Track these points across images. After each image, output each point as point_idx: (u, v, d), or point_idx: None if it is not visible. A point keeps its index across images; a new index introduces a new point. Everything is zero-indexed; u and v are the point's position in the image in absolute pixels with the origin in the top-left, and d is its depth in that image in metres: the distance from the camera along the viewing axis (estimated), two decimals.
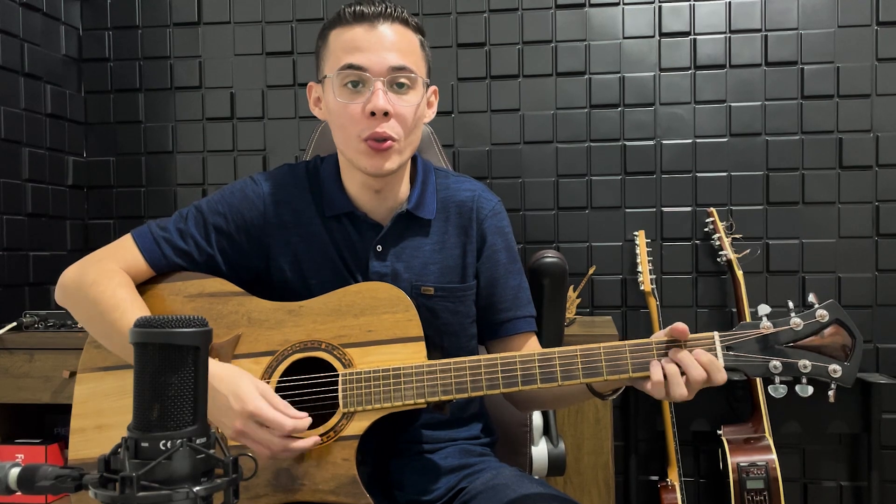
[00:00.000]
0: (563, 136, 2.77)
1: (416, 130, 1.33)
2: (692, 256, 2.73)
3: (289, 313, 1.29)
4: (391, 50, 1.26)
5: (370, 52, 1.26)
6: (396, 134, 1.27)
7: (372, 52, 1.26)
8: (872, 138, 2.65)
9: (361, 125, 1.27)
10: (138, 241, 1.34)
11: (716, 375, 1.14)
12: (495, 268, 1.41)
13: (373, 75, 1.25)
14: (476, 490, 1.29)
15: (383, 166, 1.29)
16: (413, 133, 1.32)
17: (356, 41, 1.27)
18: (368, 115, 1.25)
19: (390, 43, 1.27)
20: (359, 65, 1.26)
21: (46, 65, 2.73)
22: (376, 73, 1.25)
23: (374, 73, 1.25)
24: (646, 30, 2.73)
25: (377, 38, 1.26)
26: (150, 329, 0.73)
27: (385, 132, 1.26)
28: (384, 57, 1.26)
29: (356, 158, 1.30)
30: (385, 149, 1.27)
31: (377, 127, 1.26)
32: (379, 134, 1.26)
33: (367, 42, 1.26)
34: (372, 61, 1.25)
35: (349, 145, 1.30)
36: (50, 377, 2.25)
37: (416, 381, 1.21)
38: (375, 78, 1.25)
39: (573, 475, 2.34)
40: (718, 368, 1.14)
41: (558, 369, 1.18)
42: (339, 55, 1.28)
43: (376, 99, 1.25)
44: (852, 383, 1.15)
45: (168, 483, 0.70)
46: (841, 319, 1.15)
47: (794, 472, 2.71)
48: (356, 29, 1.27)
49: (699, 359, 1.14)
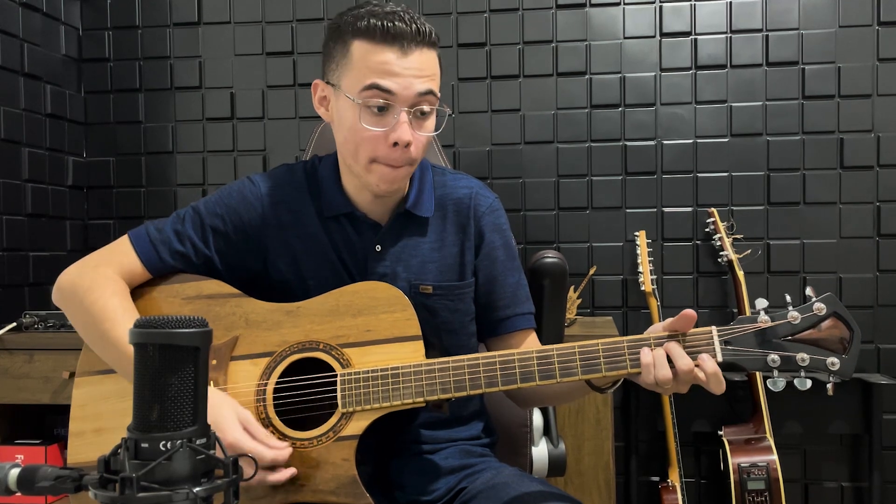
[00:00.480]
0: (563, 137, 2.77)
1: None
2: (693, 257, 2.73)
3: (287, 314, 1.29)
4: (420, 77, 1.24)
5: (400, 79, 1.22)
6: (414, 158, 1.28)
7: (402, 78, 1.22)
8: (873, 138, 2.64)
9: (381, 150, 1.25)
10: (135, 245, 1.33)
11: (716, 387, 1.14)
12: (493, 265, 1.40)
13: (399, 103, 1.23)
14: (476, 490, 1.29)
15: (394, 186, 1.30)
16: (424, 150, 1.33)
17: (387, 64, 1.22)
18: (391, 144, 1.24)
19: (420, 70, 1.24)
20: (388, 88, 1.22)
21: (46, 65, 2.73)
22: (403, 100, 1.23)
23: (402, 100, 1.23)
24: (647, 30, 2.73)
25: (409, 65, 1.23)
26: (151, 329, 0.72)
27: (403, 161, 1.26)
28: (413, 84, 1.23)
29: (364, 176, 1.29)
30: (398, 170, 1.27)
31: (397, 157, 1.25)
32: (396, 161, 1.26)
33: (398, 67, 1.22)
34: (401, 87, 1.22)
35: (359, 162, 1.28)
36: (50, 378, 2.25)
37: (415, 381, 1.20)
38: (402, 107, 1.23)
39: (574, 476, 2.33)
40: (720, 381, 1.13)
41: (557, 366, 1.18)
42: (365, 73, 1.23)
43: (402, 131, 1.23)
44: (851, 376, 1.14)
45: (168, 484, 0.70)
46: (839, 312, 1.14)
47: (795, 473, 2.70)
48: (387, 52, 1.22)
49: (704, 366, 1.13)
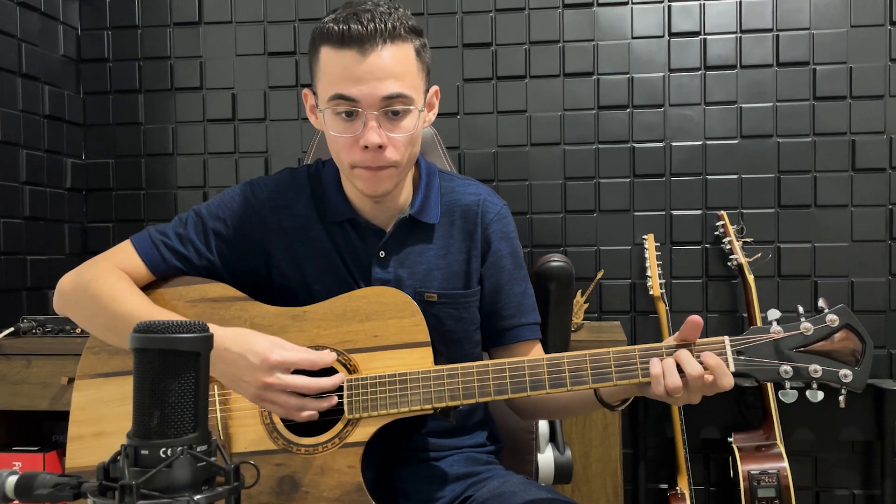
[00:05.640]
0: (570, 138, 2.76)
1: (415, 146, 1.30)
2: (702, 260, 2.72)
3: (293, 318, 1.29)
4: (384, 78, 1.20)
5: (361, 84, 1.19)
6: (394, 160, 1.25)
7: (363, 83, 1.19)
8: (886, 140, 2.63)
9: (356, 155, 1.24)
10: (137, 246, 1.35)
11: (722, 380, 1.14)
12: (500, 274, 1.40)
13: (364, 108, 1.21)
14: (483, 498, 1.28)
15: (379, 189, 1.28)
16: (411, 150, 1.29)
17: (347, 70, 1.20)
18: (362, 147, 1.23)
19: (382, 71, 1.20)
20: (350, 96, 1.20)
21: (45, 65, 2.72)
22: (368, 105, 1.20)
23: (366, 105, 1.20)
24: (655, 30, 2.72)
25: (368, 68, 1.19)
26: (151, 334, 0.73)
27: (380, 163, 1.24)
28: (376, 88, 1.20)
29: (352, 180, 1.30)
30: (380, 172, 1.25)
31: (373, 161, 1.23)
32: (372, 164, 1.24)
33: (358, 71, 1.19)
34: (363, 93, 1.20)
35: (343, 169, 1.30)
36: (48, 383, 2.25)
37: (423, 387, 1.21)
38: (367, 111, 1.21)
39: (581, 483, 2.33)
40: (725, 373, 1.13)
41: (567, 374, 1.18)
42: (329, 81, 1.23)
43: (369, 135, 1.21)
44: (863, 388, 1.15)
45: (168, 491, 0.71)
46: (851, 324, 1.15)
47: (806, 481, 2.69)
48: (346, 54, 1.20)
49: (706, 361, 1.14)
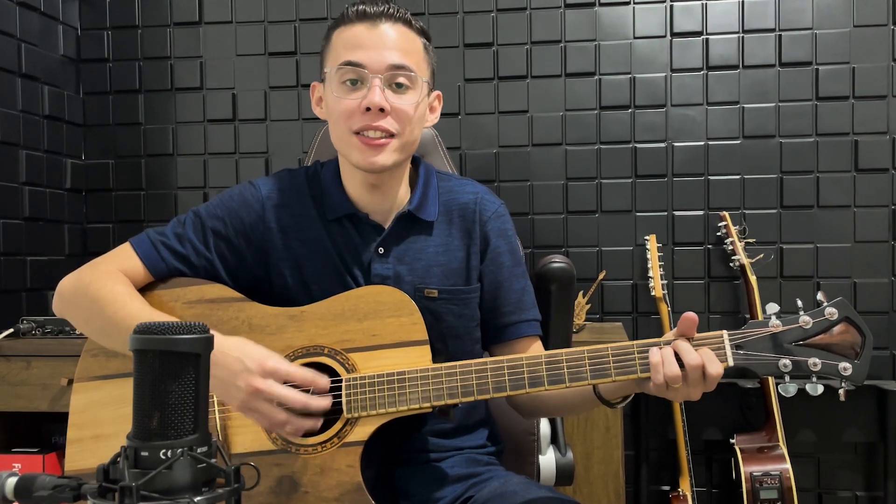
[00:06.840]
0: (572, 139, 2.75)
1: (415, 130, 1.33)
2: (704, 261, 2.71)
3: (290, 318, 1.29)
4: (391, 49, 1.27)
5: (370, 50, 1.27)
6: (394, 129, 1.28)
7: (372, 49, 1.27)
8: (889, 140, 2.62)
9: (355, 118, 1.27)
10: (136, 247, 1.35)
11: (710, 367, 1.13)
12: (499, 271, 1.41)
13: (371, 72, 1.26)
14: (484, 498, 1.28)
15: (376, 161, 1.28)
16: (412, 132, 1.32)
17: (357, 38, 1.28)
18: (364, 110, 1.26)
19: (391, 41, 1.28)
20: (357, 61, 1.27)
21: (44, 65, 2.72)
22: (374, 70, 1.26)
23: (373, 70, 1.26)
24: (657, 29, 2.71)
25: (377, 36, 1.28)
26: (151, 335, 0.72)
27: (381, 126, 1.26)
28: (383, 55, 1.27)
29: (349, 153, 1.31)
30: (379, 145, 1.27)
31: (373, 122, 1.26)
32: (374, 127, 1.26)
33: (367, 39, 1.27)
34: (371, 58, 1.26)
35: (342, 139, 1.31)
36: (48, 385, 2.24)
37: (422, 385, 1.20)
38: (373, 75, 1.26)
39: (583, 485, 2.33)
40: (711, 359, 1.13)
41: (566, 370, 1.18)
42: (339, 52, 1.29)
43: (372, 95, 1.25)
44: (863, 382, 1.15)
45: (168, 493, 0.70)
46: (850, 317, 1.15)
47: (809, 482, 2.68)
48: (358, 27, 1.29)
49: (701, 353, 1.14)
